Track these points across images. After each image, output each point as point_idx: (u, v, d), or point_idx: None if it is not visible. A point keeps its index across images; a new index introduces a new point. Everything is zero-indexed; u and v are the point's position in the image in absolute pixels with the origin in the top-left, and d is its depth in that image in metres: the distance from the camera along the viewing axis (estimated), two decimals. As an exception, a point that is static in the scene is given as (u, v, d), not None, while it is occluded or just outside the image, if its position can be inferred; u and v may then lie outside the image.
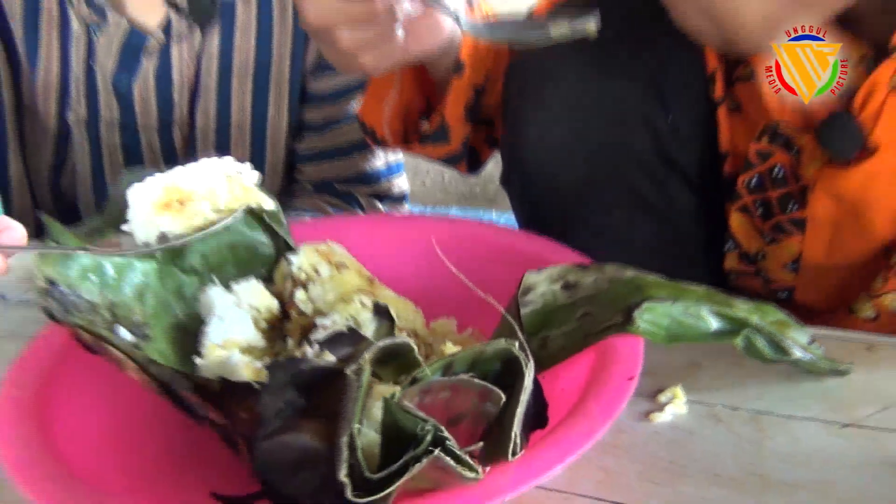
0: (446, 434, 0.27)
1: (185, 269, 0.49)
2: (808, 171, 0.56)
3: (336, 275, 0.47)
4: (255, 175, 0.49)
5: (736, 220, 0.61)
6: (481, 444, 0.29)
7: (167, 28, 0.82)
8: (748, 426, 0.41)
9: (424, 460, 0.26)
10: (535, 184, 0.65)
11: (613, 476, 0.38)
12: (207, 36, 0.82)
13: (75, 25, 0.82)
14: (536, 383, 0.33)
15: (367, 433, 0.30)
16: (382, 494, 0.26)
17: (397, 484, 0.26)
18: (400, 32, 0.53)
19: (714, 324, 0.40)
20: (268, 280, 0.48)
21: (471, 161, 0.71)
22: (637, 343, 0.39)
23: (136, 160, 0.86)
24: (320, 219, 0.76)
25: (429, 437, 0.27)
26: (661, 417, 0.41)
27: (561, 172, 0.64)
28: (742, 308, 0.41)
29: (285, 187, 0.88)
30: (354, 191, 0.88)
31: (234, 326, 0.44)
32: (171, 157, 0.86)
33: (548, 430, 0.33)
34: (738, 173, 0.60)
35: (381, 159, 0.88)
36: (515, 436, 0.29)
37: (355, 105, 0.83)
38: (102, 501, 0.33)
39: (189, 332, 0.45)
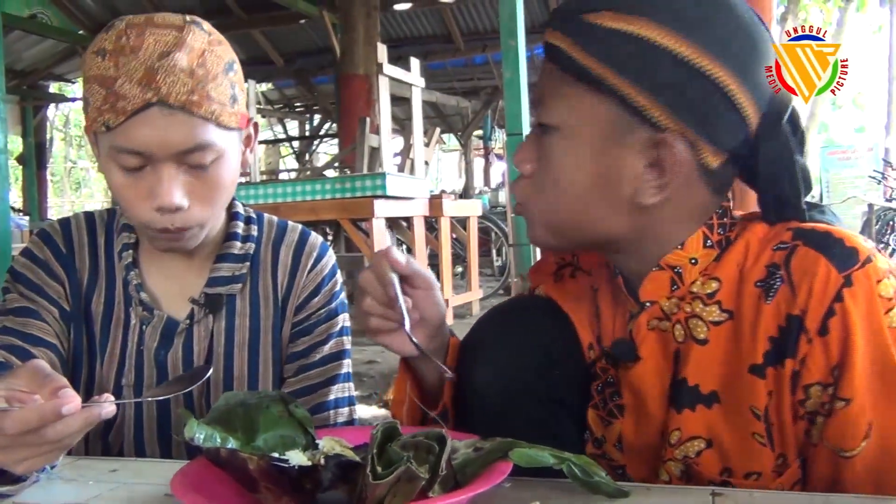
0: (413, 460, 0.62)
1: (254, 447, 0.83)
2: (620, 374, 0.93)
3: (342, 450, 0.83)
4: None
5: (590, 415, 0.97)
6: (426, 466, 0.63)
7: (191, 317, 1.16)
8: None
9: (404, 467, 0.61)
10: (476, 413, 1.01)
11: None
12: (217, 320, 1.18)
13: (133, 320, 1.16)
14: (452, 468, 0.68)
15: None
16: (388, 479, 0.60)
17: (395, 473, 0.60)
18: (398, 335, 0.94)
19: (551, 459, 0.76)
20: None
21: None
22: (509, 465, 0.74)
23: (166, 409, 1.18)
24: (335, 428, 1.12)
25: (405, 458, 0.61)
26: (529, 513, 0.75)
27: (491, 407, 0.99)
28: (567, 454, 0.77)
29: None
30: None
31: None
32: (190, 404, 1.18)
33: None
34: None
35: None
36: (442, 469, 0.63)
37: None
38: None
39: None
